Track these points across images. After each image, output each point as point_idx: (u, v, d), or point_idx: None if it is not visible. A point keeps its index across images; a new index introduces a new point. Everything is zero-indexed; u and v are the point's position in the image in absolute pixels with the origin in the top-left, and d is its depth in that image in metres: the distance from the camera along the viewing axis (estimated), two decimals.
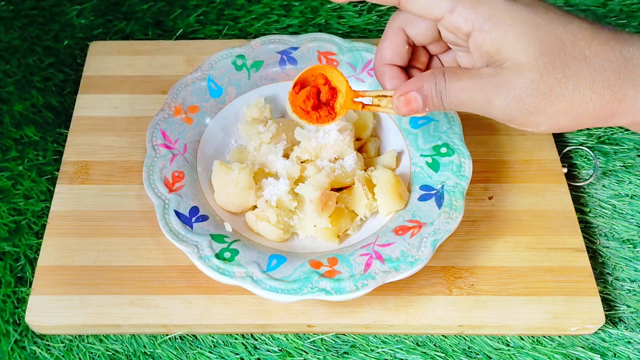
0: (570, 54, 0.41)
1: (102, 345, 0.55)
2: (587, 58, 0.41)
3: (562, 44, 0.40)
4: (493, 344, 0.55)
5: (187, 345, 0.55)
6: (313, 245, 0.57)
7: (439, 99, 0.45)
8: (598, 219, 0.63)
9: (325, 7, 0.79)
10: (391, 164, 0.61)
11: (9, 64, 0.72)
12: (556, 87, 0.41)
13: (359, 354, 0.54)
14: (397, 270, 0.51)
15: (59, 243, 0.58)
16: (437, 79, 0.45)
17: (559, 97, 0.41)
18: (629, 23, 0.78)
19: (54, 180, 0.63)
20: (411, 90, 0.46)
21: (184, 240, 0.53)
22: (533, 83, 0.41)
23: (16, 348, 0.54)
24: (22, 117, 0.68)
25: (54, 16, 0.77)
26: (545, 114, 0.43)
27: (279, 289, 0.50)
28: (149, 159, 0.58)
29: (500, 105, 0.43)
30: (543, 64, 0.41)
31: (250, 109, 0.64)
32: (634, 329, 0.56)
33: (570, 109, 0.42)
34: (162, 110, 0.61)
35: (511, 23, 0.40)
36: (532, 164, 0.64)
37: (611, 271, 0.60)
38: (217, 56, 0.65)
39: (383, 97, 0.49)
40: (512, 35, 0.40)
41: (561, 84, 0.41)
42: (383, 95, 0.49)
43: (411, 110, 0.46)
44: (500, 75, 0.42)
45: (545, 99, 0.42)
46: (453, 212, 0.54)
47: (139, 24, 0.77)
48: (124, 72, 0.70)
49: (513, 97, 0.42)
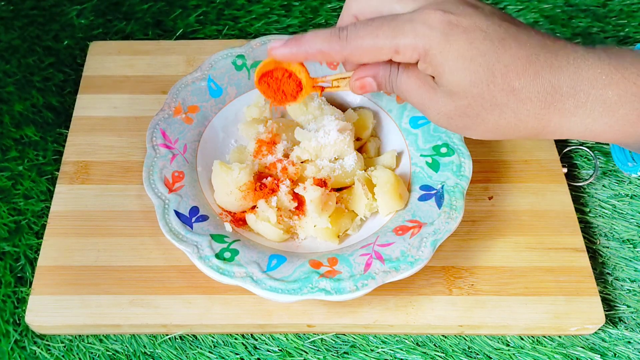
0: (499, 86, 0.43)
1: (102, 345, 0.55)
2: (514, 90, 0.43)
3: (493, 76, 0.42)
4: (493, 344, 0.55)
5: (187, 345, 0.55)
6: (313, 245, 0.57)
7: (390, 87, 0.49)
8: (598, 219, 0.63)
9: (325, 7, 0.79)
10: (391, 164, 0.61)
11: (9, 64, 0.72)
12: (482, 113, 0.44)
13: (359, 354, 0.54)
14: (397, 270, 0.51)
15: (59, 243, 0.58)
16: (392, 70, 0.48)
17: (485, 121, 0.45)
18: (629, 23, 0.78)
19: (54, 180, 0.63)
20: (367, 75, 0.49)
21: (184, 240, 0.53)
22: (461, 107, 0.45)
23: (16, 348, 0.54)
24: (22, 117, 0.68)
25: (54, 16, 0.77)
26: (474, 131, 0.46)
27: (279, 289, 0.50)
28: (149, 159, 0.58)
29: (433, 116, 0.47)
30: (472, 95, 0.43)
31: (250, 109, 0.64)
32: (634, 329, 0.56)
33: (496, 129, 0.45)
34: (162, 110, 0.61)
35: (447, 57, 0.42)
36: (532, 164, 0.64)
37: (611, 271, 0.60)
38: (217, 56, 0.65)
39: (342, 79, 0.52)
40: (446, 68, 0.43)
41: (487, 111, 0.44)
42: (342, 77, 0.52)
43: (365, 92, 0.50)
44: (436, 93, 0.45)
45: (472, 121, 0.45)
46: (453, 212, 0.54)
47: (139, 24, 0.77)
48: (124, 72, 0.70)
49: (444, 114, 0.46)
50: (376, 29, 0.44)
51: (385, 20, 0.44)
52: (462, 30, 0.42)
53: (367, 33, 0.44)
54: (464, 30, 0.42)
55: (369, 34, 0.44)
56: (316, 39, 0.46)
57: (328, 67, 0.65)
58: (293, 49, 0.47)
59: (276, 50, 0.47)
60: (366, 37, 0.44)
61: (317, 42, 0.46)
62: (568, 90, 0.43)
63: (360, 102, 0.65)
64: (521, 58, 0.42)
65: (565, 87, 0.43)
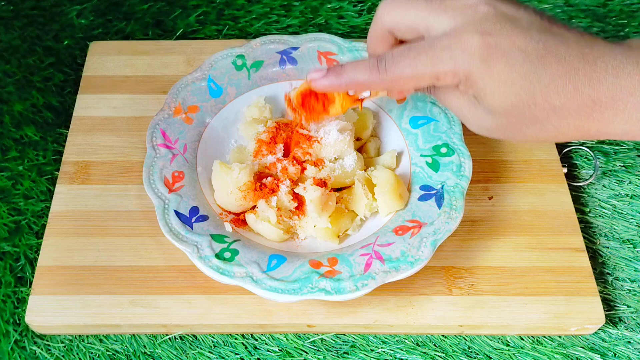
0: (540, 106, 0.43)
1: (102, 345, 0.55)
2: (555, 109, 0.43)
3: (534, 97, 0.42)
4: (493, 344, 0.55)
5: (187, 345, 0.55)
6: (313, 245, 0.57)
7: (428, 93, 0.49)
8: (598, 219, 0.63)
9: (325, 7, 0.79)
10: (391, 164, 0.61)
11: (9, 64, 0.72)
12: (523, 128, 0.45)
13: (359, 354, 0.54)
14: (397, 270, 0.51)
15: (59, 243, 0.58)
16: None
17: (526, 134, 0.45)
18: (629, 23, 0.78)
19: (54, 180, 0.63)
20: None
21: (184, 240, 0.53)
22: (503, 125, 0.45)
23: (16, 348, 0.54)
24: (22, 117, 0.68)
25: (54, 16, 0.77)
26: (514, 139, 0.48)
27: (279, 289, 0.50)
28: (149, 159, 0.58)
29: (473, 127, 0.47)
30: (513, 115, 0.44)
31: (250, 109, 0.64)
32: (634, 329, 0.56)
33: (536, 139, 0.46)
34: (162, 110, 0.61)
35: (487, 82, 0.43)
36: (532, 164, 0.64)
37: (611, 271, 0.60)
38: (217, 56, 0.65)
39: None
40: (487, 91, 0.43)
41: (528, 126, 0.44)
42: None
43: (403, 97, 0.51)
44: (477, 108, 0.45)
45: (513, 134, 0.46)
46: (453, 212, 0.54)
47: (139, 24, 0.77)
48: (124, 72, 0.70)
49: (485, 128, 0.46)
50: (414, 60, 0.44)
51: (423, 49, 0.44)
52: (501, 54, 0.42)
53: (406, 64, 0.44)
54: (502, 54, 0.42)
55: (408, 65, 0.44)
56: (355, 71, 0.46)
57: None
58: (333, 81, 0.47)
59: (316, 82, 0.48)
60: (406, 68, 0.44)
61: (357, 75, 0.46)
62: (607, 101, 0.42)
63: None
64: (561, 76, 0.42)
65: (604, 99, 0.42)
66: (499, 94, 0.43)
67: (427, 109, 0.62)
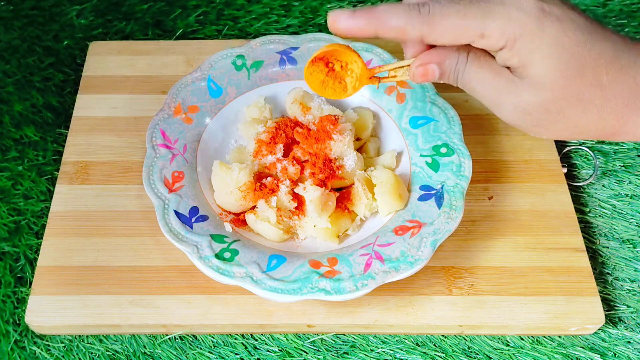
0: (588, 81, 0.41)
1: (101, 345, 0.55)
2: (602, 86, 0.41)
3: (583, 69, 0.41)
4: (493, 344, 0.55)
5: (187, 346, 0.55)
6: (313, 246, 0.57)
7: (455, 78, 0.45)
8: (598, 219, 0.63)
9: (325, 7, 0.79)
10: (391, 164, 0.61)
11: (9, 64, 0.72)
12: (566, 109, 0.42)
13: (359, 354, 0.54)
14: (397, 270, 0.51)
15: (58, 243, 0.58)
16: (460, 59, 0.44)
17: (566, 117, 0.43)
18: (629, 23, 0.78)
19: (54, 181, 0.63)
20: (432, 62, 0.45)
21: (183, 240, 0.53)
22: (545, 102, 0.42)
23: (16, 348, 0.54)
24: (21, 117, 0.68)
25: (53, 16, 0.77)
26: (548, 128, 0.44)
27: (279, 289, 0.50)
28: (149, 159, 0.58)
29: (507, 111, 0.44)
30: (559, 87, 0.41)
31: (250, 109, 0.64)
32: (633, 329, 0.56)
33: (574, 127, 0.43)
34: (161, 110, 0.61)
35: (539, 44, 0.40)
36: (531, 164, 0.64)
37: (611, 271, 0.60)
38: (217, 56, 0.65)
39: (399, 68, 0.48)
40: (537, 56, 0.41)
41: (571, 106, 0.42)
42: (399, 66, 0.48)
43: (426, 81, 0.45)
44: (517, 86, 0.42)
45: (553, 117, 0.43)
46: (453, 212, 0.54)
47: (139, 24, 0.77)
48: (124, 72, 0.70)
49: (522, 109, 0.43)
50: (464, 8, 0.40)
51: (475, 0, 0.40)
52: (556, 18, 0.40)
53: (454, 11, 0.40)
54: (557, 19, 0.40)
55: (455, 12, 0.40)
56: (391, 13, 0.41)
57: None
58: (361, 22, 0.41)
59: (340, 21, 0.41)
60: (452, 15, 0.40)
61: (392, 17, 0.41)
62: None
63: (360, 102, 0.65)
64: (609, 52, 0.41)
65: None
66: (550, 58, 0.40)
67: (427, 109, 0.62)
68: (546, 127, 0.44)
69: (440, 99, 0.62)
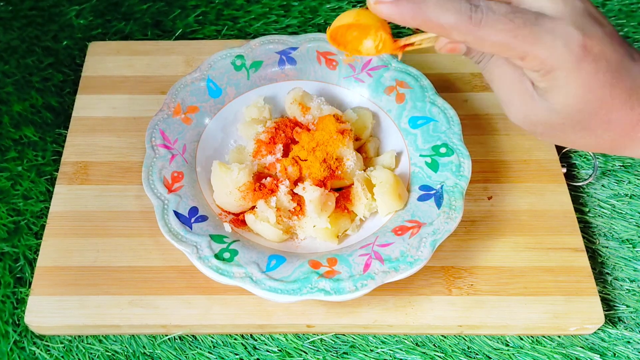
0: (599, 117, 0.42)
1: (101, 345, 0.55)
2: (609, 122, 0.42)
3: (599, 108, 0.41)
4: (492, 344, 0.55)
5: (187, 346, 0.55)
6: (312, 246, 0.57)
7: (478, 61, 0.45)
8: (597, 218, 0.63)
9: (324, 7, 0.79)
10: (390, 164, 0.61)
11: (8, 65, 0.72)
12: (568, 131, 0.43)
13: (359, 354, 0.54)
14: (396, 271, 0.51)
15: (58, 243, 0.58)
16: None
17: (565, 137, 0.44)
18: (628, 23, 0.78)
19: (53, 181, 0.63)
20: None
21: (183, 240, 0.53)
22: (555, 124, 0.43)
23: (15, 349, 0.54)
24: (21, 118, 0.68)
25: (53, 17, 0.77)
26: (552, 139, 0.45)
27: (279, 289, 0.50)
28: (148, 160, 0.58)
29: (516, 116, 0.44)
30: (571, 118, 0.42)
31: (249, 109, 0.64)
32: (633, 328, 0.56)
33: (571, 145, 0.45)
34: (161, 111, 0.61)
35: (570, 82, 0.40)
36: (531, 164, 0.64)
37: (610, 271, 0.60)
38: (216, 56, 0.65)
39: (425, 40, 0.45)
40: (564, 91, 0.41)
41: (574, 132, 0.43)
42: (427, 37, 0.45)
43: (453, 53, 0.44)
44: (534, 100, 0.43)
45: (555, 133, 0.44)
46: (452, 212, 0.54)
47: (138, 24, 0.77)
48: (123, 72, 0.70)
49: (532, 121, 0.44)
50: (516, 29, 0.39)
51: (529, 22, 0.39)
52: (593, 59, 0.40)
53: (505, 28, 0.39)
54: (594, 59, 0.40)
55: (507, 31, 0.39)
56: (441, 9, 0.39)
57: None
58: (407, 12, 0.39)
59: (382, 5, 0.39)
60: (501, 33, 0.39)
61: (441, 14, 0.39)
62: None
63: (360, 102, 0.65)
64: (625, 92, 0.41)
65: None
66: (573, 96, 0.41)
67: (427, 109, 0.62)
68: (546, 137, 0.45)
69: (439, 99, 0.62)
